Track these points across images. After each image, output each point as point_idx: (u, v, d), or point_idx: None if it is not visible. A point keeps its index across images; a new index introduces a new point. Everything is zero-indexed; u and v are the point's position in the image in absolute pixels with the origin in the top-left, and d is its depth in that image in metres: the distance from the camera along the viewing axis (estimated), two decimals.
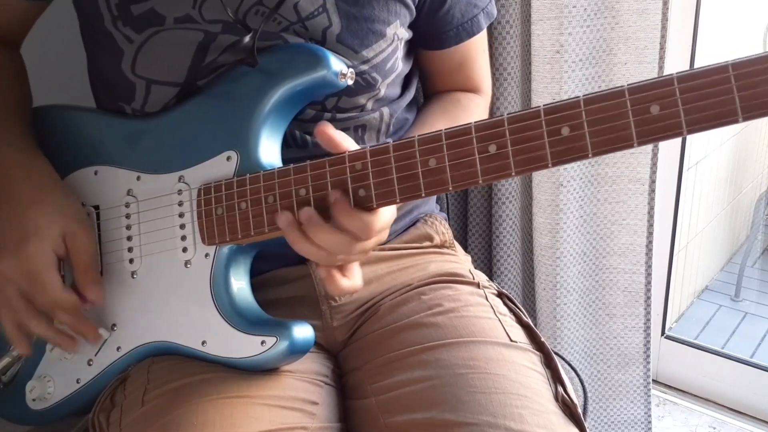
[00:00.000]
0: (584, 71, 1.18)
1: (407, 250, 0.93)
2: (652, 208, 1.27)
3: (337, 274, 0.71)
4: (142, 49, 0.78)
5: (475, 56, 0.97)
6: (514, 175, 0.62)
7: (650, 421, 1.45)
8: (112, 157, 0.83)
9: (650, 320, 1.36)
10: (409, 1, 0.85)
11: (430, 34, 0.91)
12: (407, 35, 0.87)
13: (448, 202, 1.31)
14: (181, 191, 0.78)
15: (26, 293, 0.75)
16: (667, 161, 1.55)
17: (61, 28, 0.96)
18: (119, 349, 0.80)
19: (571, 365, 1.10)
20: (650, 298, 1.34)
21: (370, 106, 0.86)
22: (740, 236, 2.71)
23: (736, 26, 2.10)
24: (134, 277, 0.80)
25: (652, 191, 1.26)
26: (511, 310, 0.87)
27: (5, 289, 0.76)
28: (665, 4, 1.13)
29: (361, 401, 0.79)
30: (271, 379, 0.75)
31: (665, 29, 1.14)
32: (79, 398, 0.82)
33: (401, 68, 0.88)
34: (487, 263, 1.42)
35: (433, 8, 0.88)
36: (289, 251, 0.71)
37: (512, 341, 0.79)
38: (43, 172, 0.81)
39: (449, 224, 1.01)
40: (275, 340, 0.72)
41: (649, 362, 1.40)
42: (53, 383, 0.83)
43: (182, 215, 0.78)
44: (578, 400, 0.76)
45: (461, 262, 0.97)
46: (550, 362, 0.79)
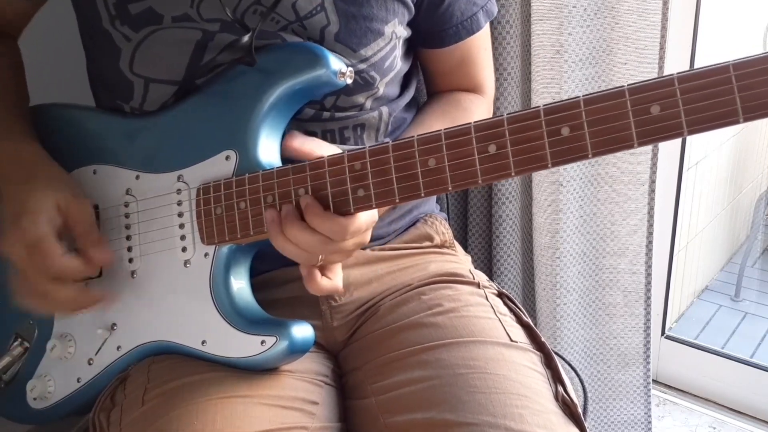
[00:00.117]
0: (584, 71, 1.18)
1: (407, 250, 0.93)
2: (652, 208, 1.27)
3: (317, 273, 0.72)
4: (140, 47, 0.78)
5: (476, 55, 0.97)
6: (513, 175, 0.62)
7: (650, 421, 1.45)
8: (111, 156, 0.83)
9: (650, 320, 1.36)
10: None
11: (429, 32, 0.91)
12: (406, 34, 0.87)
13: (448, 202, 1.31)
14: (180, 191, 0.78)
15: (27, 271, 0.74)
16: (667, 161, 1.55)
17: (60, 26, 0.96)
18: (119, 348, 0.80)
19: (571, 365, 1.10)
20: (650, 298, 1.34)
21: (368, 105, 0.86)
22: (740, 236, 2.71)
23: (736, 26, 2.10)
24: (134, 276, 0.80)
25: (652, 191, 1.26)
26: (511, 310, 0.87)
27: (12, 272, 0.76)
28: (665, 4, 1.13)
29: (361, 401, 0.79)
30: (271, 378, 0.75)
31: (665, 29, 1.14)
32: (79, 397, 0.82)
33: (400, 67, 0.88)
34: (487, 263, 1.42)
35: (432, 6, 0.88)
36: None
37: (512, 341, 0.79)
38: (32, 152, 0.81)
39: (449, 224, 1.01)
40: (275, 339, 0.72)
41: (649, 362, 1.40)
42: (54, 382, 0.83)
43: (181, 215, 0.78)
44: (578, 400, 0.75)
45: (461, 262, 0.97)
46: (550, 362, 0.79)
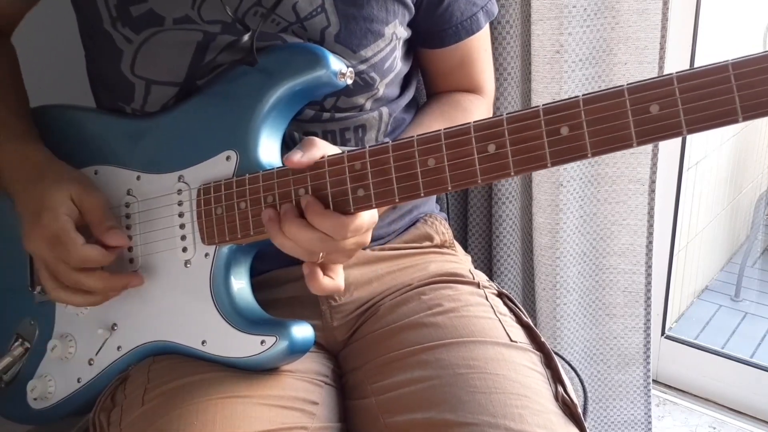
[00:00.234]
0: (584, 71, 1.18)
1: (407, 250, 0.93)
2: (652, 208, 1.27)
3: (319, 272, 0.72)
4: (141, 49, 0.78)
5: (476, 55, 0.97)
6: (513, 174, 0.62)
7: (650, 421, 1.45)
8: (112, 156, 0.83)
9: (650, 320, 1.36)
10: None
11: (429, 32, 0.91)
12: (406, 34, 0.87)
13: (448, 202, 1.31)
14: (180, 191, 0.78)
15: (54, 265, 0.75)
16: (667, 161, 1.55)
17: (59, 27, 0.96)
18: (119, 348, 0.80)
19: (571, 365, 1.10)
20: (650, 298, 1.34)
21: (368, 105, 0.86)
22: (740, 236, 2.71)
23: (736, 26, 2.10)
24: None
25: (652, 191, 1.26)
26: (511, 310, 0.87)
27: (40, 269, 0.77)
28: (665, 4, 1.13)
29: (361, 401, 0.79)
30: (271, 378, 0.75)
31: (665, 29, 1.14)
32: (79, 397, 0.82)
33: (400, 68, 0.88)
34: (487, 263, 1.42)
35: (431, 6, 0.88)
36: None
37: (512, 341, 0.79)
38: (38, 152, 0.82)
39: (449, 224, 1.01)
40: (275, 339, 0.72)
41: (649, 363, 1.39)
42: (54, 382, 0.83)
43: (182, 215, 0.78)
44: (578, 400, 0.75)
45: (461, 262, 0.97)
46: (550, 362, 0.79)
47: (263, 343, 0.73)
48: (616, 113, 0.58)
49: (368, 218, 0.71)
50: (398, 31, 0.85)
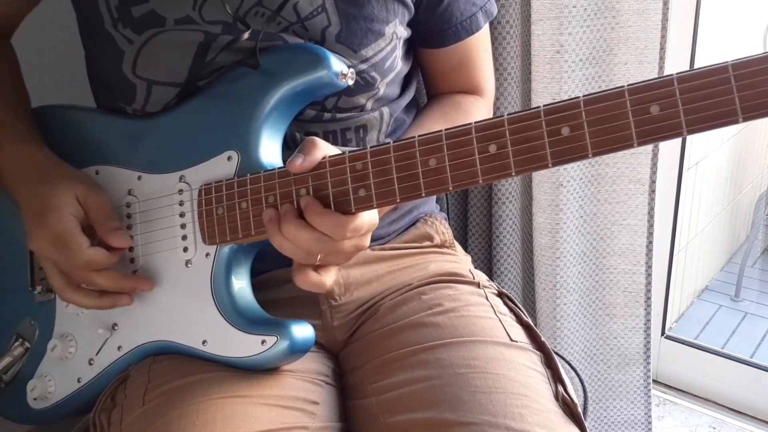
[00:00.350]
0: (584, 71, 1.18)
1: (407, 249, 0.93)
2: (652, 208, 1.27)
3: (308, 267, 0.72)
4: (142, 50, 0.78)
5: (476, 56, 0.97)
6: (514, 175, 0.62)
7: (650, 421, 1.45)
8: (113, 156, 0.83)
9: (650, 321, 1.36)
10: None
11: (429, 32, 0.91)
12: (406, 34, 0.87)
13: (448, 202, 1.31)
14: (182, 191, 0.78)
15: (61, 265, 0.75)
16: (667, 161, 1.56)
17: (60, 28, 0.96)
18: (120, 348, 0.80)
19: (571, 365, 1.10)
20: (650, 298, 1.34)
21: (369, 105, 0.86)
22: (740, 236, 2.71)
23: (736, 26, 2.10)
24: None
25: (652, 191, 1.26)
26: (511, 309, 0.87)
27: (48, 269, 0.77)
28: (665, 4, 1.13)
29: (361, 401, 0.79)
30: (271, 378, 0.75)
31: (665, 29, 1.14)
32: (79, 397, 0.82)
33: (400, 67, 0.88)
34: (487, 263, 1.42)
35: (431, 6, 0.88)
36: None
37: (512, 341, 0.79)
38: (41, 153, 0.82)
39: (449, 224, 1.01)
40: (275, 339, 0.72)
41: (649, 363, 1.39)
42: (54, 382, 0.83)
43: (183, 215, 0.78)
44: (578, 400, 0.76)
45: (461, 261, 0.97)
46: (550, 362, 0.79)
47: (264, 342, 0.73)
48: (616, 114, 0.58)
49: (368, 219, 0.71)
50: (398, 30, 0.85)
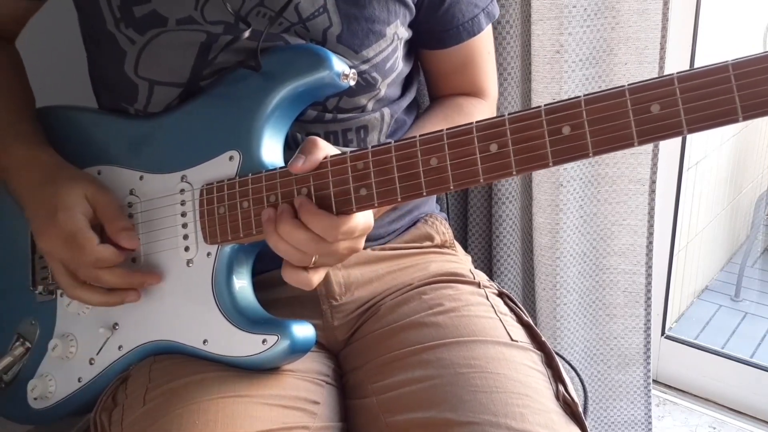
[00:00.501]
0: (584, 71, 1.18)
1: (408, 249, 0.93)
2: (652, 208, 1.27)
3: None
4: (144, 50, 0.78)
5: (478, 58, 0.97)
6: (515, 174, 0.63)
7: (650, 422, 1.45)
8: (115, 157, 0.83)
9: (650, 321, 1.36)
10: (408, 0, 0.85)
11: (431, 33, 0.91)
12: (407, 35, 0.87)
13: (448, 202, 1.32)
14: (183, 191, 0.78)
15: (69, 264, 0.76)
16: (667, 161, 1.56)
17: (62, 28, 0.96)
18: (121, 348, 0.80)
19: (571, 365, 1.10)
20: (650, 298, 1.34)
21: (370, 106, 0.86)
22: (740, 236, 2.71)
23: (736, 26, 2.10)
24: None
25: (652, 191, 1.26)
26: (511, 309, 0.87)
27: (56, 268, 0.77)
28: (665, 4, 1.13)
29: (361, 401, 0.79)
30: (272, 378, 0.75)
31: (665, 29, 1.14)
32: (80, 397, 0.82)
33: (401, 68, 0.88)
34: (487, 263, 1.42)
35: (432, 7, 0.88)
36: None
37: (513, 340, 0.79)
38: (47, 154, 0.82)
39: (449, 224, 1.01)
40: (276, 338, 0.72)
41: (649, 363, 1.40)
42: (55, 382, 0.83)
43: (184, 214, 0.78)
44: (578, 400, 0.76)
45: (462, 261, 0.97)
46: (551, 361, 0.79)
47: (265, 342, 0.73)
48: (617, 113, 0.58)
49: (362, 222, 0.70)
50: (399, 31, 0.85)
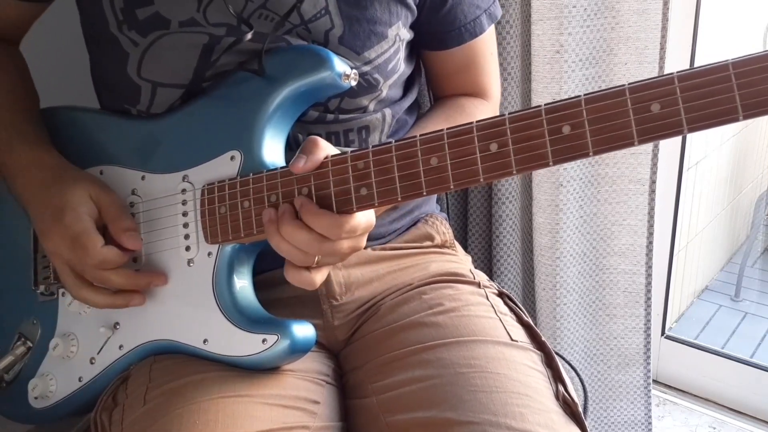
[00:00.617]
0: (584, 71, 1.18)
1: (408, 249, 0.93)
2: (652, 208, 1.27)
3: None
4: (147, 52, 0.79)
5: (480, 58, 0.97)
6: (515, 173, 0.63)
7: (650, 422, 1.45)
8: (117, 157, 0.83)
9: (650, 321, 1.36)
10: (410, 1, 0.85)
11: (432, 34, 0.92)
12: (409, 36, 0.88)
13: (447, 202, 1.32)
14: (185, 191, 0.78)
15: (75, 264, 0.76)
16: (667, 161, 1.56)
17: (64, 29, 0.96)
18: (121, 347, 0.80)
19: (571, 365, 1.10)
20: (650, 298, 1.34)
21: (372, 107, 0.86)
22: (740, 236, 2.71)
23: (736, 26, 2.10)
24: None
25: (652, 191, 1.26)
26: (511, 309, 0.87)
27: (61, 269, 0.77)
28: (665, 4, 1.13)
29: (361, 400, 0.79)
30: (272, 378, 0.75)
31: (665, 29, 1.14)
32: (80, 397, 0.82)
33: (403, 69, 0.88)
34: (487, 263, 1.42)
35: (434, 8, 0.88)
36: None
37: (513, 340, 0.79)
38: (51, 155, 0.82)
39: (449, 224, 1.01)
40: (276, 338, 0.72)
41: (649, 363, 1.40)
42: (55, 381, 0.83)
43: (186, 214, 0.78)
44: (578, 400, 0.76)
45: (462, 261, 0.97)
46: (551, 361, 0.79)
47: (265, 341, 0.73)
48: (617, 112, 0.58)
49: (364, 220, 0.70)
50: (401, 32, 0.85)
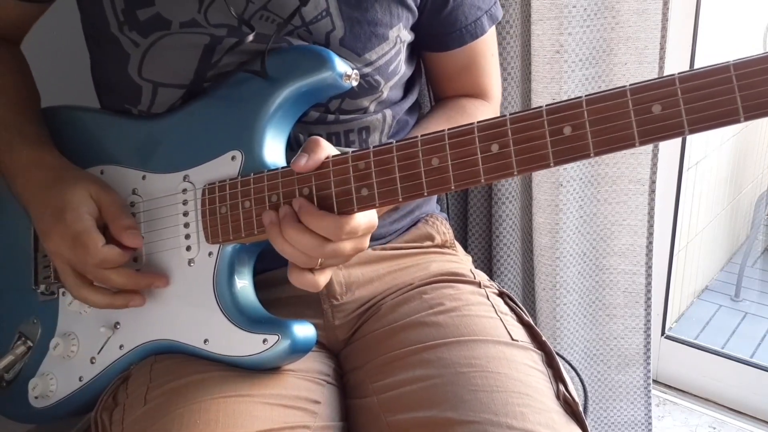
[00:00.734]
0: (584, 71, 1.18)
1: (408, 249, 0.93)
2: (652, 208, 1.27)
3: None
4: (148, 53, 0.79)
5: (481, 60, 0.97)
6: (516, 174, 0.63)
7: (650, 422, 1.45)
8: (117, 156, 0.83)
9: (650, 321, 1.36)
10: (411, 3, 0.85)
11: (433, 36, 0.91)
12: (410, 37, 0.88)
13: (448, 202, 1.32)
14: (185, 190, 0.78)
15: (76, 264, 0.76)
16: (667, 161, 1.56)
17: (65, 29, 0.96)
18: (122, 347, 0.80)
19: (571, 365, 1.10)
20: (650, 299, 1.34)
21: (372, 108, 0.86)
22: (740, 236, 2.71)
23: (736, 26, 2.10)
24: None
25: (652, 191, 1.26)
26: (512, 309, 0.87)
27: (62, 269, 0.77)
28: (665, 4, 1.13)
29: (362, 400, 0.79)
30: (273, 377, 0.75)
31: (665, 29, 1.14)
32: (80, 396, 0.82)
33: (404, 71, 0.88)
34: (487, 263, 1.42)
35: (435, 9, 0.88)
36: None
37: (513, 340, 0.79)
38: (53, 156, 0.82)
39: (449, 224, 1.01)
40: (277, 338, 0.72)
41: (649, 363, 1.40)
42: (56, 381, 0.83)
43: (186, 214, 0.78)
44: (579, 400, 0.76)
45: (462, 261, 0.97)
46: (551, 361, 0.79)
47: (265, 341, 0.73)
48: (618, 113, 0.58)
49: (365, 221, 0.70)
50: (402, 34, 0.85)
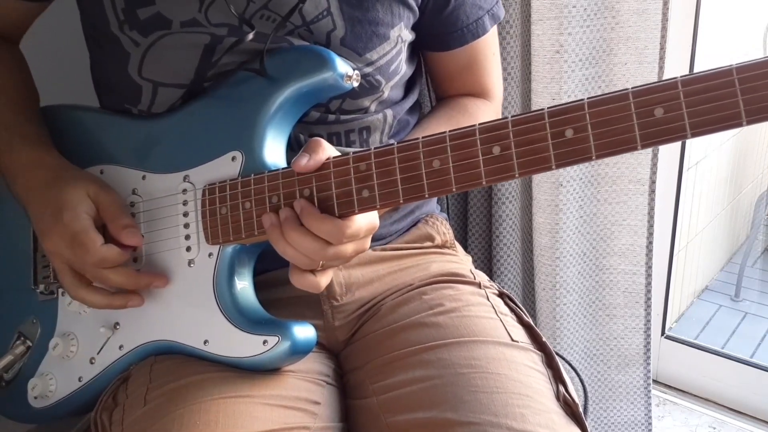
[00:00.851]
0: (584, 71, 1.18)
1: (408, 250, 0.93)
2: (652, 208, 1.27)
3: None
4: (148, 52, 0.78)
5: (482, 59, 0.97)
6: (517, 176, 0.63)
7: (650, 422, 1.45)
8: (117, 156, 0.83)
9: (650, 321, 1.36)
10: (412, 2, 0.85)
11: (435, 35, 0.91)
12: (411, 37, 0.87)
13: (448, 202, 1.32)
14: (185, 191, 0.78)
15: (74, 264, 0.75)
16: (667, 161, 1.56)
17: (64, 29, 0.96)
18: (122, 347, 0.80)
19: (571, 365, 1.10)
20: (650, 299, 1.34)
21: (373, 108, 0.86)
22: (740, 236, 2.71)
23: (736, 26, 2.10)
24: None
25: (652, 192, 1.26)
26: (512, 309, 0.87)
27: (60, 269, 0.77)
28: (665, 4, 1.13)
29: (362, 401, 0.79)
30: (273, 378, 0.75)
31: (665, 29, 1.14)
32: (80, 396, 0.82)
33: (405, 70, 0.88)
34: (487, 263, 1.42)
35: (436, 9, 0.88)
36: None
37: (513, 341, 0.79)
38: (52, 156, 0.82)
39: (449, 224, 1.01)
40: (277, 339, 0.72)
41: (649, 363, 1.40)
42: (55, 381, 0.83)
43: (186, 214, 0.78)
44: (579, 400, 0.76)
45: (462, 262, 0.97)
46: (551, 362, 0.79)
47: (266, 343, 0.73)
48: (620, 116, 0.58)
49: (365, 223, 0.70)
50: (403, 34, 0.85)
